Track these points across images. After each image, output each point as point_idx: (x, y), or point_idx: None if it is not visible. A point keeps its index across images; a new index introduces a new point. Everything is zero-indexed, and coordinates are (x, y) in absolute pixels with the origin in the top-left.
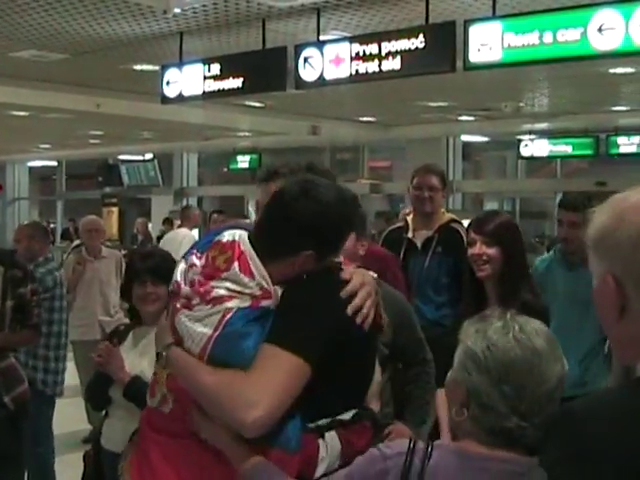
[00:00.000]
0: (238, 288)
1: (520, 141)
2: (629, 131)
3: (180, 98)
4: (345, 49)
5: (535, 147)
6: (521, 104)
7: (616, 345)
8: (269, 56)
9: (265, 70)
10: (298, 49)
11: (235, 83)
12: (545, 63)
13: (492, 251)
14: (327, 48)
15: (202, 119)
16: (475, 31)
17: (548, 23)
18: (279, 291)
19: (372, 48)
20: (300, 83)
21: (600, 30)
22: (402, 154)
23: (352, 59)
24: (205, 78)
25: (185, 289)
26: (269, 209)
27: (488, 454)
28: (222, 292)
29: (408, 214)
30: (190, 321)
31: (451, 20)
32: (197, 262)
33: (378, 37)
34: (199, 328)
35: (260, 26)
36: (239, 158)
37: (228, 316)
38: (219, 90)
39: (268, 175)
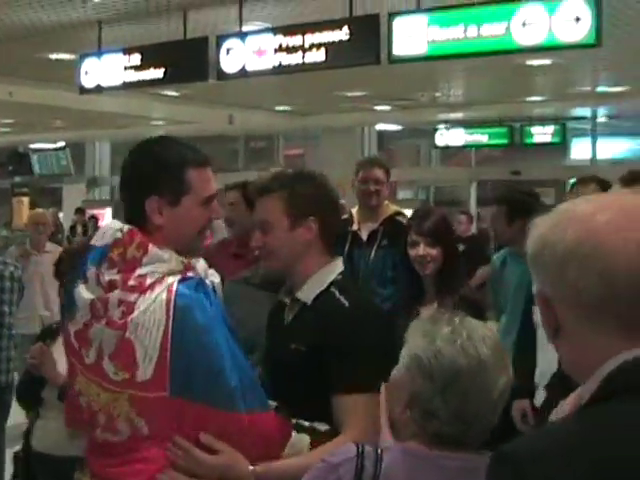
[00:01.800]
0: (164, 267)
1: (436, 130)
2: (543, 121)
3: (99, 89)
4: (268, 40)
5: (450, 136)
6: (437, 94)
7: (567, 367)
8: (190, 46)
9: (186, 61)
10: (220, 40)
11: (156, 74)
12: (469, 57)
13: (435, 251)
14: (249, 39)
15: (116, 107)
16: (399, 24)
17: (472, 17)
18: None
19: (296, 40)
20: (222, 74)
21: (524, 25)
22: (315, 142)
23: (275, 51)
24: (125, 68)
25: (112, 296)
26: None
27: (438, 453)
28: (155, 275)
29: None
30: (143, 315)
31: (375, 13)
32: (104, 271)
33: (302, 28)
34: (149, 316)
35: (181, 16)
36: None
37: (174, 287)
38: (139, 81)
39: (262, 190)
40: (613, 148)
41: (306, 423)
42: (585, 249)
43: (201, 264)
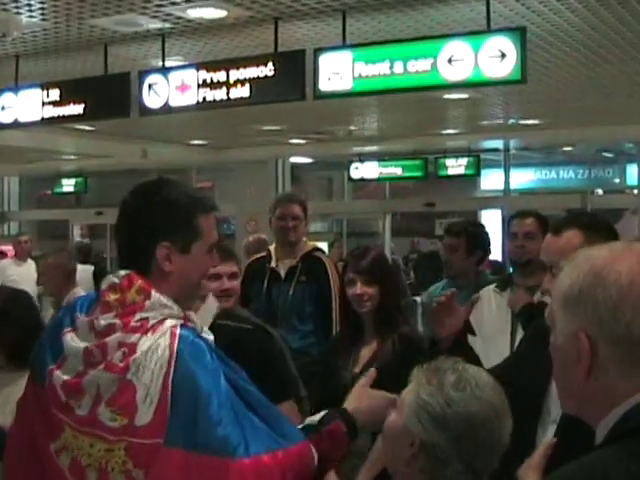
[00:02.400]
0: (166, 311)
1: (350, 162)
2: (457, 153)
3: (16, 124)
4: (192, 76)
5: (365, 169)
6: (352, 127)
7: (580, 403)
8: (112, 82)
9: (108, 96)
10: (142, 75)
11: (76, 109)
12: (396, 92)
13: (371, 290)
14: (172, 75)
15: (25, 142)
16: (325, 60)
17: (398, 53)
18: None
19: (220, 75)
20: (144, 110)
21: (450, 61)
22: (225, 175)
23: (199, 86)
24: (44, 104)
25: (111, 339)
26: (116, 231)
27: None
28: (158, 317)
29: (252, 244)
30: (144, 355)
31: (301, 49)
32: (98, 316)
33: (226, 64)
34: (151, 356)
35: (102, 50)
36: (64, 181)
37: (177, 330)
38: (59, 116)
39: None
40: (523, 179)
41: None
42: (638, 290)
43: (194, 316)
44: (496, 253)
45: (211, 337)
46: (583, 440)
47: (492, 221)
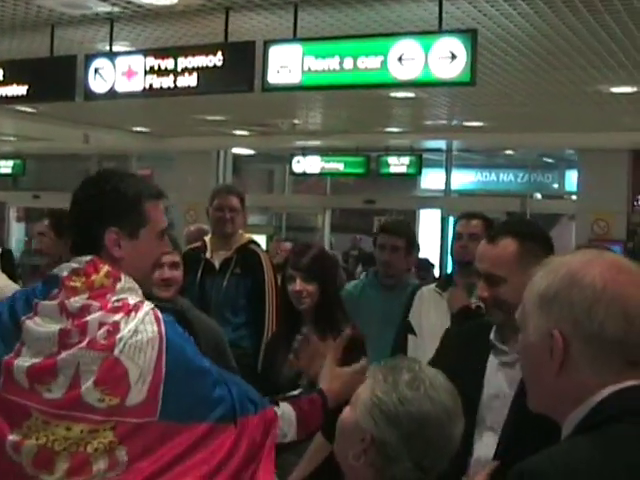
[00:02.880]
0: (139, 295)
1: (292, 156)
2: (399, 151)
3: None
4: (139, 62)
5: (307, 163)
6: (296, 121)
7: (549, 399)
8: (57, 64)
9: (53, 79)
10: (88, 59)
11: (20, 90)
12: (345, 89)
13: (311, 287)
14: (119, 60)
15: None
16: (275, 52)
17: (348, 49)
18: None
19: (168, 63)
20: (90, 94)
21: (400, 60)
22: (165, 163)
23: (146, 73)
24: None
25: (91, 319)
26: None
27: None
28: (133, 300)
29: (193, 233)
30: (133, 335)
31: (251, 40)
32: (67, 299)
33: (174, 52)
34: (140, 336)
35: (49, 32)
36: (1, 163)
37: (158, 313)
38: (2, 97)
39: None
40: (464, 180)
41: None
42: (610, 293)
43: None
44: (434, 253)
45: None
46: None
47: (431, 221)
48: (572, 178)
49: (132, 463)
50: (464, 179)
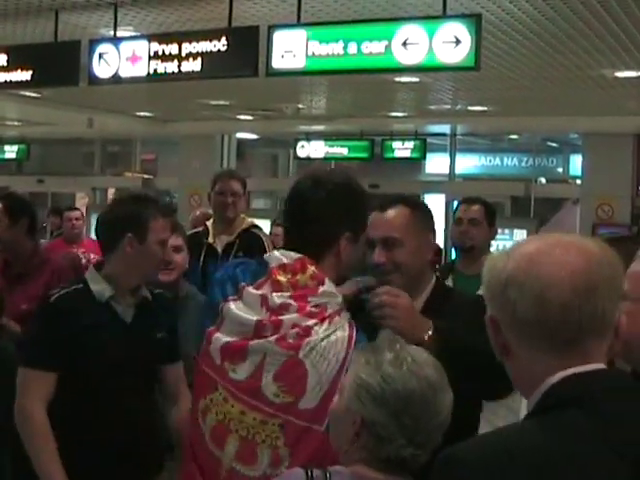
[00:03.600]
0: (336, 300)
1: (297, 141)
2: (403, 136)
3: None
4: (143, 47)
5: (311, 148)
6: (300, 106)
7: (515, 384)
8: (62, 49)
9: (57, 64)
10: (93, 44)
11: (24, 75)
12: (349, 73)
13: None
14: (124, 45)
15: None
16: (279, 37)
17: (353, 34)
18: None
19: (172, 48)
20: (94, 79)
21: (404, 44)
22: (169, 148)
23: (150, 58)
24: None
25: (286, 319)
26: (292, 212)
27: (389, 478)
28: (334, 307)
29: (199, 217)
30: (321, 342)
31: (255, 25)
32: (270, 294)
33: (179, 37)
34: (327, 346)
35: (53, 17)
36: (6, 148)
37: (353, 326)
38: (6, 82)
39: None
40: (468, 164)
41: None
42: (523, 275)
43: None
44: (439, 238)
45: None
46: None
47: (436, 205)
48: (577, 162)
49: (292, 465)
50: (469, 163)
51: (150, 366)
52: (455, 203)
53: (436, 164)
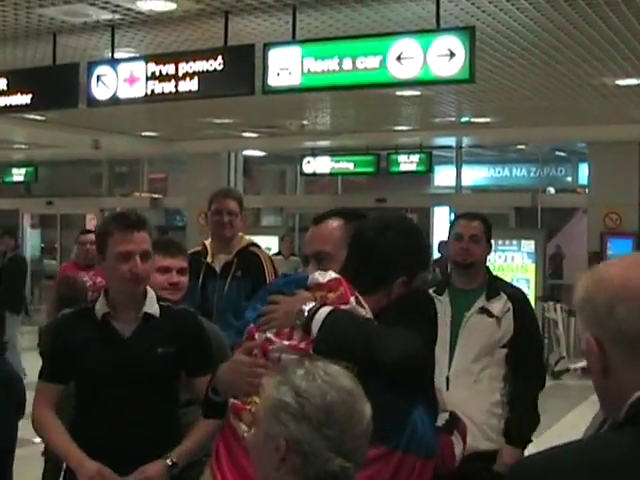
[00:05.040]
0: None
1: (303, 157)
2: (409, 149)
3: None
4: (140, 68)
5: (317, 164)
6: (305, 122)
7: (601, 400)
8: (60, 72)
9: (56, 86)
10: (91, 66)
11: (24, 99)
12: (344, 89)
13: None
14: (121, 66)
15: None
16: (274, 55)
17: (347, 50)
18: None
19: (169, 68)
20: (92, 101)
21: (399, 59)
22: (179, 167)
23: (148, 79)
24: None
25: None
26: (356, 250)
27: None
28: None
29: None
30: None
31: (250, 43)
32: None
33: (175, 57)
34: None
35: (51, 40)
36: (14, 171)
37: None
38: (6, 106)
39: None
40: (477, 176)
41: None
42: (630, 291)
43: None
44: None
45: None
46: None
47: (442, 218)
48: (585, 171)
49: None
50: (477, 175)
51: (152, 378)
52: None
53: (445, 177)
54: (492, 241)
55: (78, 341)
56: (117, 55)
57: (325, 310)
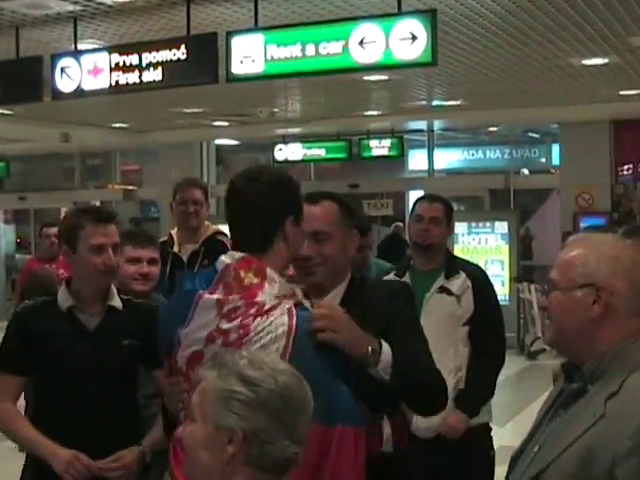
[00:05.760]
0: (282, 291)
1: (275, 144)
2: (380, 134)
3: None
4: (104, 59)
5: (289, 151)
6: (275, 110)
7: (576, 342)
8: (24, 65)
9: (20, 80)
10: (54, 59)
11: None
12: (307, 75)
13: None
14: (85, 58)
15: None
16: (237, 43)
17: (310, 36)
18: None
19: (132, 59)
20: (57, 94)
21: (361, 43)
22: (153, 158)
23: (111, 70)
24: None
25: (233, 325)
26: (234, 212)
27: None
28: (273, 300)
29: None
30: (259, 335)
31: (213, 31)
32: (224, 297)
33: (138, 47)
34: (268, 336)
35: (14, 34)
36: None
37: (294, 311)
38: None
39: None
40: (451, 159)
41: None
42: None
43: (299, 290)
44: None
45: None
46: None
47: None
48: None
49: None
50: (451, 158)
51: (119, 371)
52: None
53: (420, 161)
54: (454, 223)
55: (42, 333)
56: (80, 47)
57: (388, 351)
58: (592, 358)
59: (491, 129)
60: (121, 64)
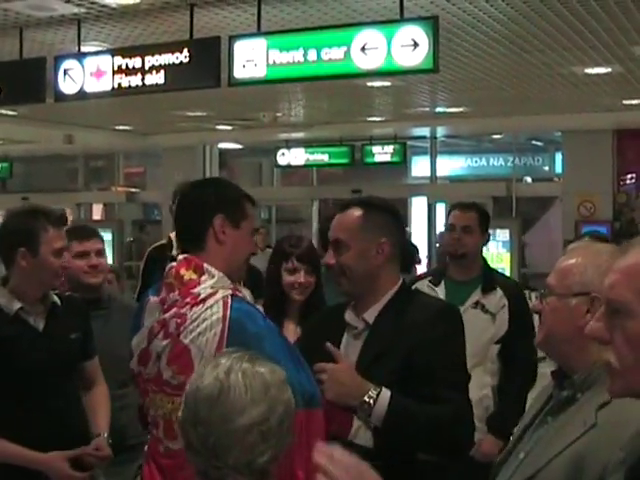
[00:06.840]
0: (219, 284)
1: (277, 149)
2: (383, 140)
3: None
4: (107, 62)
5: (292, 156)
6: (278, 114)
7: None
8: (27, 67)
9: (23, 81)
10: (58, 60)
11: None
12: (309, 80)
13: (312, 279)
14: (88, 60)
15: None
16: (240, 47)
17: (312, 41)
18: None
19: (135, 62)
20: (60, 95)
21: (363, 49)
22: (156, 160)
23: (114, 72)
24: None
25: (169, 315)
26: (176, 210)
27: None
28: (208, 290)
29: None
30: (195, 322)
31: (216, 35)
32: (165, 295)
33: (141, 50)
34: (204, 323)
35: (17, 35)
36: None
37: (229, 300)
38: None
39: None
40: (454, 166)
41: None
42: None
43: (246, 291)
44: (422, 240)
45: (260, 307)
46: None
47: (419, 208)
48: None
49: None
50: (455, 165)
51: (70, 366)
52: (438, 205)
53: (423, 167)
54: (490, 231)
55: None
56: (83, 49)
57: (384, 403)
58: (582, 366)
59: (494, 136)
60: (124, 67)
